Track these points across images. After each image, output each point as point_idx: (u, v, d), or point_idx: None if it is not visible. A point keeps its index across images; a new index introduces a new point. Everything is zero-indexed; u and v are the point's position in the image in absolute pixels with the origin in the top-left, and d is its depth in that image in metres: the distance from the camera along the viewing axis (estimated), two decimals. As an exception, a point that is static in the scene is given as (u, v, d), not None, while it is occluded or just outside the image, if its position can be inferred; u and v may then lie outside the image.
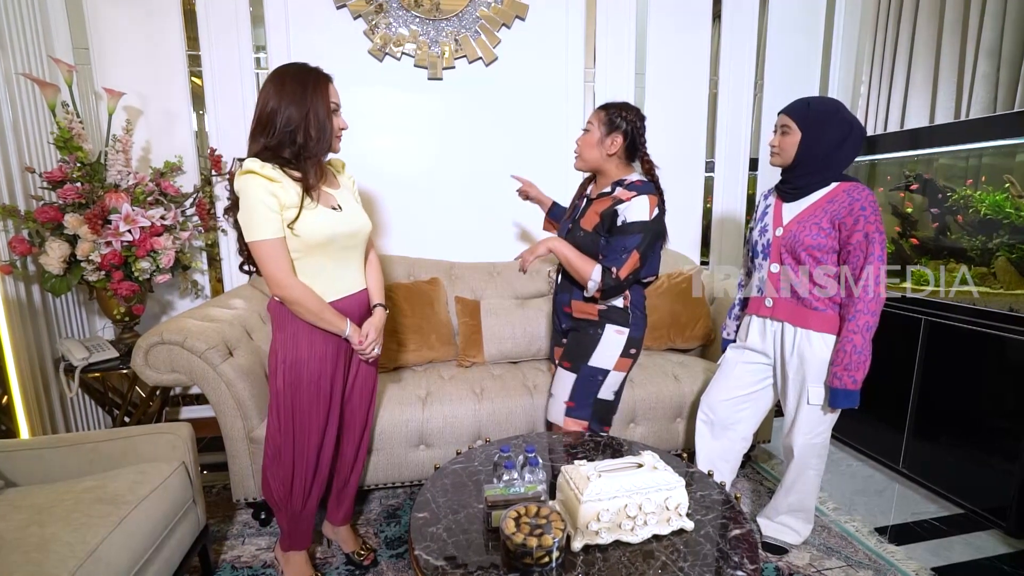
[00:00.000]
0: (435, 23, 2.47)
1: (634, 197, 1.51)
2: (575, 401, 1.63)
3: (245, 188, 1.26)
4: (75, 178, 1.92)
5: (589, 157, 1.59)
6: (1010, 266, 1.90)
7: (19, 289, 1.93)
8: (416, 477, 1.90)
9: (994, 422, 1.85)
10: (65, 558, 1.01)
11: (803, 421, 1.56)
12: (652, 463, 1.16)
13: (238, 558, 1.68)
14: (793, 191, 1.55)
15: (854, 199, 1.43)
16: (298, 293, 1.31)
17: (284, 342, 1.37)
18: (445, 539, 1.09)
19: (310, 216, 1.30)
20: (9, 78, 1.91)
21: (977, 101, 2.25)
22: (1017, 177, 1.94)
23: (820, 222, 1.47)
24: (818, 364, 1.50)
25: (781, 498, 1.70)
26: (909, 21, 2.53)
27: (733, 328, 1.82)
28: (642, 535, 1.08)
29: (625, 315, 1.60)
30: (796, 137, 1.49)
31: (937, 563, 1.68)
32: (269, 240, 1.26)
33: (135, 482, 1.29)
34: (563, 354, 1.68)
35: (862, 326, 1.42)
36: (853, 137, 1.46)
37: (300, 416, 1.39)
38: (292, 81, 1.29)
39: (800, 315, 1.53)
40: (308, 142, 1.29)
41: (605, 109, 1.57)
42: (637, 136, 1.57)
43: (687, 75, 2.79)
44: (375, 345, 1.48)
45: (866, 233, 1.40)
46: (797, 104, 1.52)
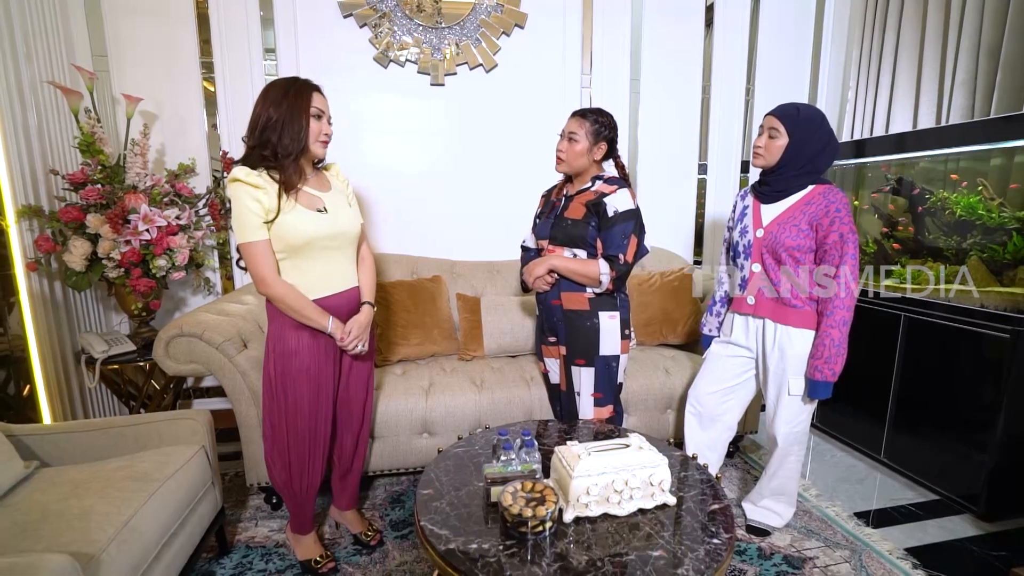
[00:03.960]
0: (437, 31, 2.57)
1: (617, 190, 1.64)
2: (601, 392, 1.72)
3: (233, 195, 1.37)
4: (96, 180, 2.02)
5: (577, 164, 1.69)
6: (981, 265, 2.00)
7: (43, 285, 2.03)
8: (419, 464, 2.00)
9: (968, 414, 1.95)
10: (104, 526, 1.12)
11: (784, 411, 1.66)
12: (638, 444, 1.26)
13: (252, 538, 1.79)
14: (773, 193, 1.63)
15: (830, 201, 1.52)
16: (280, 291, 1.41)
17: (273, 334, 1.48)
18: (448, 512, 1.19)
19: (289, 219, 1.39)
20: (35, 85, 2.01)
21: (956, 107, 2.35)
22: (991, 181, 2.04)
23: (799, 224, 1.56)
24: (798, 358, 1.60)
25: (765, 483, 1.80)
26: (894, 28, 2.64)
27: (714, 324, 1.90)
28: (628, 508, 1.18)
29: (613, 300, 1.70)
30: (783, 141, 1.56)
31: (910, 543, 1.78)
32: (254, 242, 1.37)
33: (161, 462, 1.39)
34: (571, 353, 1.72)
35: (839, 321, 1.52)
36: (832, 146, 1.57)
37: (291, 405, 1.49)
38: (275, 89, 1.40)
39: (780, 312, 1.62)
40: (282, 140, 1.38)
41: (587, 118, 1.67)
42: (616, 140, 1.72)
43: (681, 80, 2.89)
44: (357, 342, 1.52)
45: (841, 234, 1.50)
46: (787, 109, 1.58)
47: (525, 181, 2.59)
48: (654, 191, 2.93)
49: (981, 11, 2.23)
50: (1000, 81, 2.15)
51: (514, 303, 2.41)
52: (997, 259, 1.98)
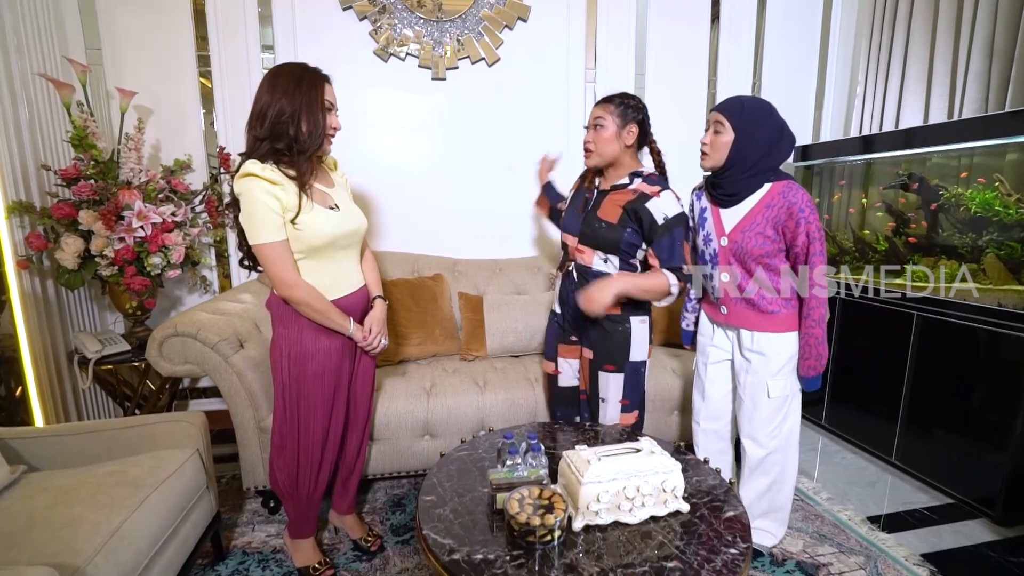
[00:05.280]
0: (438, 24, 2.52)
1: (661, 192, 1.51)
2: (628, 398, 1.63)
3: (245, 191, 1.27)
4: (89, 175, 1.97)
5: (608, 152, 1.54)
6: (999, 262, 1.95)
7: (35, 283, 1.98)
8: (421, 467, 1.95)
9: (983, 415, 1.90)
10: (91, 535, 1.07)
11: (763, 415, 1.57)
12: (650, 448, 1.21)
13: (248, 544, 1.74)
14: (726, 197, 1.52)
15: (791, 202, 1.42)
16: (304, 294, 1.34)
17: (288, 337, 1.40)
18: (452, 520, 1.14)
19: (309, 218, 1.32)
20: (26, 78, 1.96)
21: (969, 101, 2.30)
22: (1007, 176, 1.99)
23: (764, 231, 1.46)
24: (779, 361, 1.53)
25: (753, 501, 1.65)
26: (904, 21, 2.58)
27: (692, 320, 1.81)
28: (640, 516, 1.13)
29: (644, 302, 1.60)
30: (729, 137, 1.45)
31: (926, 550, 1.73)
32: (273, 243, 1.29)
33: (153, 467, 1.34)
34: (598, 358, 1.62)
35: (819, 319, 1.48)
36: (784, 141, 1.45)
37: (305, 410, 1.43)
38: (286, 77, 1.31)
39: (756, 320, 1.53)
40: (300, 135, 1.30)
41: (611, 102, 1.55)
42: (647, 122, 1.58)
43: (686, 75, 2.84)
44: (380, 337, 1.52)
45: (807, 233, 1.41)
46: (731, 102, 1.48)
47: (528, 178, 2.53)
48: (659, 188, 2.88)
49: (996, 1, 2.17)
50: (1015, 74, 2.10)
51: (517, 302, 2.36)
52: (1015, 256, 1.92)
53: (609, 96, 1.57)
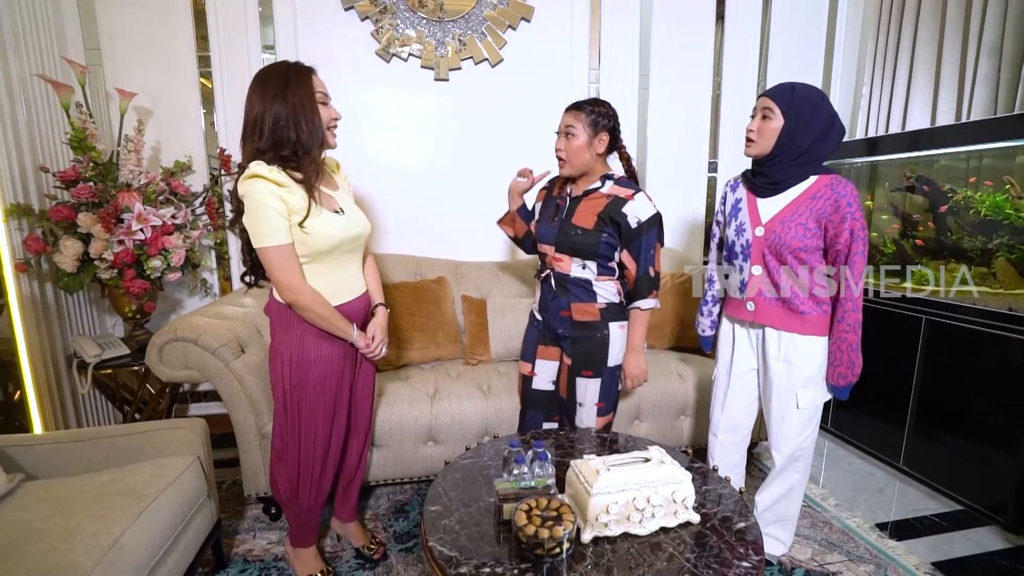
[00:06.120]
0: (441, 24, 2.49)
1: (635, 194, 1.53)
2: (604, 401, 1.65)
3: (251, 193, 1.24)
4: (88, 177, 1.95)
5: (580, 162, 1.55)
6: (1010, 266, 1.92)
7: (33, 287, 1.96)
8: (424, 473, 1.93)
9: (993, 420, 1.88)
10: (90, 548, 1.04)
11: (791, 425, 1.52)
12: (659, 457, 1.18)
13: (250, 552, 1.71)
14: (769, 186, 1.45)
15: (840, 195, 1.36)
16: (309, 299, 1.31)
17: (289, 343, 1.37)
18: (458, 531, 1.12)
19: (317, 222, 1.29)
20: (24, 79, 1.93)
21: (978, 102, 2.27)
22: (1017, 179, 1.96)
23: (805, 222, 1.39)
24: (808, 369, 1.47)
25: (767, 508, 1.65)
26: (911, 22, 2.56)
27: (707, 324, 1.74)
28: (650, 527, 1.11)
29: (622, 309, 1.62)
30: (778, 123, 1.38)
31: (937, 558, 1.71)
32: (278, 246, 1.26)
33: (153, 475, 1.32)
34: (576, 364, 1.64)
35: (854, 324, 1.42)
36: (835, 131, 1.39)
37: (307, 418, 1.41)
38: (274, 79, 1.27)
39: (786, 319, 1.47)
40: (301, 136, 1.27)
41: (582, 110, 1.53)
42: (618, 129, 1.58)
43: (690, 75, 2.81)
44: (382, 345, 1.50)
45: (851, 230, 1.35)
46: (782, 87, 1.41)
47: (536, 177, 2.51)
48: (663, 190, 2.85)
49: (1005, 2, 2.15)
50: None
51: (521, 305, 2.33)
52: (1026, 260, 1.90)
53: (579, 103, 1.55)
